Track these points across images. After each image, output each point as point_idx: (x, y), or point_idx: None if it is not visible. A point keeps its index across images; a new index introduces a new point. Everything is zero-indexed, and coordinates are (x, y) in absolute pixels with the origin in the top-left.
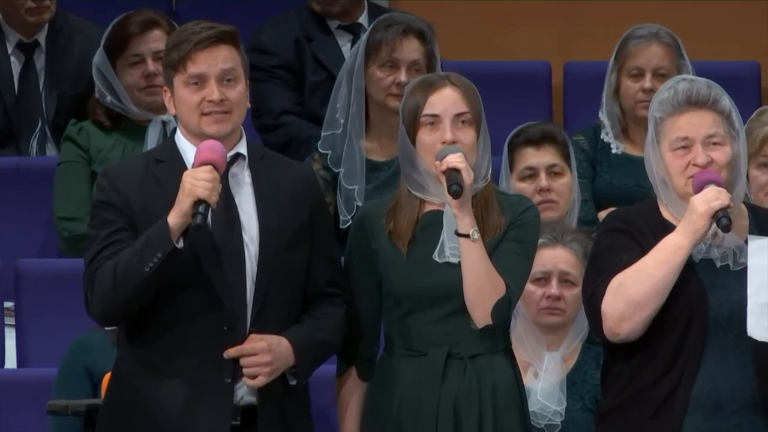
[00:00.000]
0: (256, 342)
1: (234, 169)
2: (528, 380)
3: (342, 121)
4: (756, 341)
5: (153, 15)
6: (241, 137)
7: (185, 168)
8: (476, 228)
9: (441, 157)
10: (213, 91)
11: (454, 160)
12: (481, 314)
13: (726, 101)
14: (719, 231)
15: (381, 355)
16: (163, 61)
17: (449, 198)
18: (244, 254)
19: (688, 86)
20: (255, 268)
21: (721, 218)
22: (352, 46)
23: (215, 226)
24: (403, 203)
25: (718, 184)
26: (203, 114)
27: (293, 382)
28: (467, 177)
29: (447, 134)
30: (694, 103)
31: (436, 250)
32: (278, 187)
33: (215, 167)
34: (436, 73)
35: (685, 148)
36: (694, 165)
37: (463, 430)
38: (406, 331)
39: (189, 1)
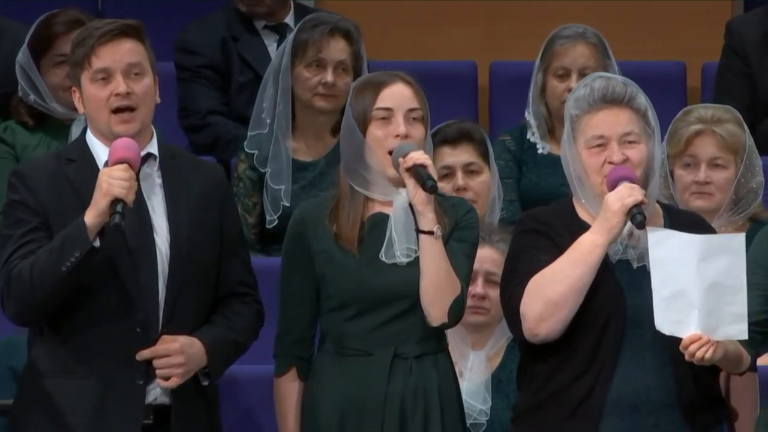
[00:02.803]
0: (169, 343)
1: (145, 169)
2: None
3: (268, 120)
4: (673, 340)
5: (78, 15)
6: (152, 137)
7: (96, 168)
8: (439, 225)
9: (403, 154)
10: (119, 84)
11: (420, 156)
12: (438, 312)
13: (642, 99)
14: (635, 230)
15: (317, 354)
16: (69, 61)
17: (416, 194)
18: (156, 255)
19: (604, 84)
20: (167, 269)
21: (636, 215)
22: (278, 46)
23: (127, 227)
24: (345, 203)
25: (632, 181)
26: (112, 112)
27: (205, 383)
28: (434, 172)
29: (401, 128)
30: (609, 100)
31: (383, 251)
32: (189, 188)
33: (130, 165)
34: (384, 71)
35: (601, 146)
36: (610, 163)
37: (409, 429)
38: (350, 332)
39: (115, 0)
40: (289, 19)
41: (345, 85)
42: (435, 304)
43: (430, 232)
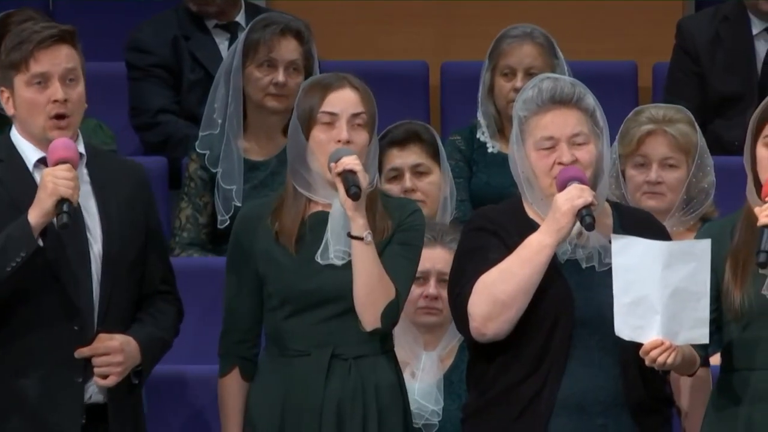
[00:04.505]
0: (108, 341)
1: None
2: (405, 380)
3: (220, 121)
4: (622, 341)
5: (34, 15)
6: (78, 137)
7: (25, 167)
8: (370, 231)
9: (335, 159)
10: (57, 90)
11: (351, 161)
12: (370, 317)
13: (590, 99)
14: (584, 230)
15: (262, 354)
16: (1, 62)
17: (346, 200)
18: (89, 254)
19: (552, 84)
20: (100, 268)
21: (585, 216)
22: (229, 45)
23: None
24: (288, 203)
25: (582, 182)
26: (49, 118)
27: (136, 381)
28: (363, 179)
29: (343, 133)
30: (558, 101)
31: (319, 251)
32: (116, 187)
33: (72, 165)
34: (334, 73)
35: (550, 148)
36: (559, 164)
37: (347, 431)
38: (290, 332)
39: (66, 0)
40: (240, 18)
41: (296, 84)
42: (367, 310)
43: (360, 238)
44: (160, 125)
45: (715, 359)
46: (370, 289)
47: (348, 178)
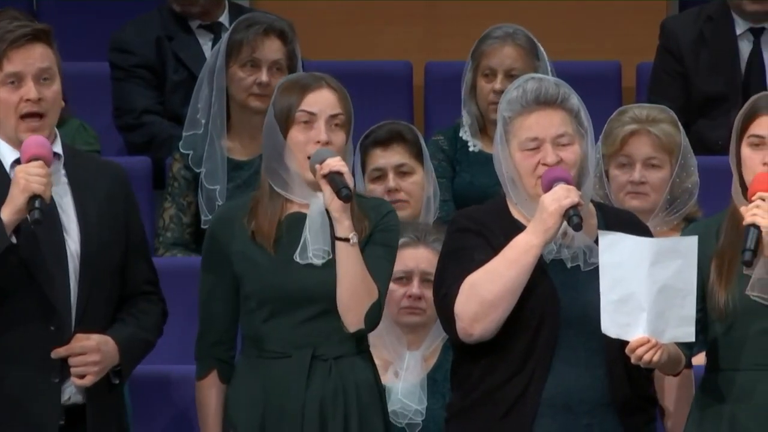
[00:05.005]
0: (84, 341)
1: (50, 168)
2: (389, 379)
3: (203, 121)
4: (607, 340)
5: (17, 15)
6: (55, 137)
7: (1, 167)
8: (355, 232)
9: (319, 160)
10: (30, 89)
11: (336, 163)
12: (354, 318)
13: (574, 99)
14: (569, 230)
15: (239, 357)
16: None
17: (333, 201)
18: (66, 254)
19: (536, 85)
20: (78, 268)
21: (572, 216)
22: (213, 45)
23: (38, 227)
24: (264, 203)
25: (567, 182)
26: (21, 117)
27: (116, 381)
28: (350, 180)
29: (322, 134)
30: (542, 102)
31: (298, 251)
32: (94, 187)
33: (45, 162)
34: (311, 73)
35: (535, 148)
36: (544, 164)
37: (329, 431)
38: (269, 333)
39: (50, 1)
40: (223, 19)
41: None
42: (351, 311)
43: (346, 239)
44: (144, 126)
45: (698, 359)
46: (354, 291)
47: (336, 179)
